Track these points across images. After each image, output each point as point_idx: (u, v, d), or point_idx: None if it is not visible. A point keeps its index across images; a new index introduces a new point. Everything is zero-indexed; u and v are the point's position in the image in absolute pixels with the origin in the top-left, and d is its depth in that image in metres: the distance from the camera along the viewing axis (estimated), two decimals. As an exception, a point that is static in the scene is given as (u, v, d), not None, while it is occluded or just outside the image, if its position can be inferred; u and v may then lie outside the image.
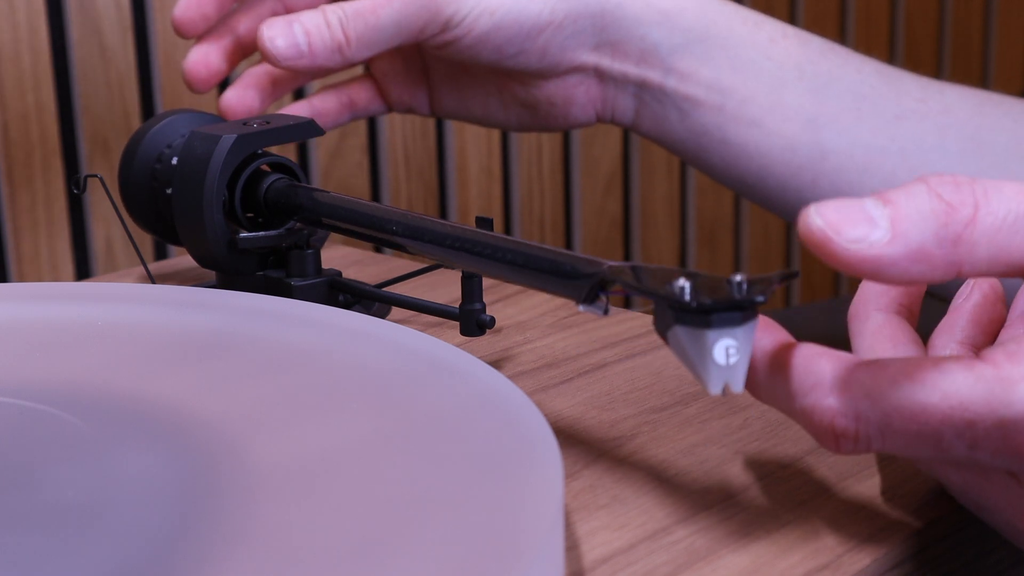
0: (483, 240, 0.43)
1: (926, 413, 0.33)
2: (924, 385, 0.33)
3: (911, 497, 0.39)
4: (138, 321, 0.47)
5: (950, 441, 0.33)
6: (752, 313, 0.35)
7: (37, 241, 0.89)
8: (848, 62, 0.66)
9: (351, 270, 0.64)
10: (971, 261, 0.34)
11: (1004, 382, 0.32)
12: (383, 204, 0.50)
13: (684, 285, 0.34)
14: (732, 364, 0.34)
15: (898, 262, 0.33)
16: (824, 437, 0.34)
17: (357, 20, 0.61)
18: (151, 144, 0.59)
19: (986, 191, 0.34)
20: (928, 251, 0.33)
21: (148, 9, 0.92)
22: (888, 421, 0.33)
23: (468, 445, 0.37)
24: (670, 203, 1.25)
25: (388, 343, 0.43)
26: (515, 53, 0.63)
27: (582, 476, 0.41)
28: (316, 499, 0.35)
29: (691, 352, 0.35)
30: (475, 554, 0.31)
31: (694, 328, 0.34)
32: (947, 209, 0.33)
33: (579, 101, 0.67)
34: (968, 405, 0.32)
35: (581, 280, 0.39)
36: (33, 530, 0.34)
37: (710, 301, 0.34)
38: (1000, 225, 0.34)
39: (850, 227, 0.33)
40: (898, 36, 1.40)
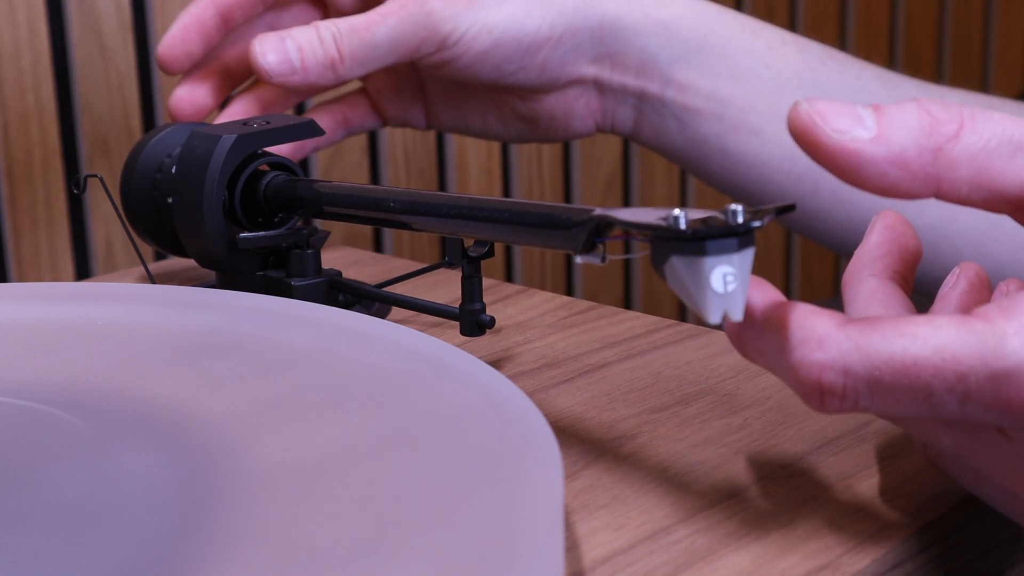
0: (477, 204, 0.44)
1: (917, 367, 0.32)
2: (916, 339, 0.32)
3: (911, 497, 0.39)
4: (138, 321, 0.47)
5: (941, 396, 0.32)
6: (748, 240, 0.34)
7: (37, 241, 0.89)
8: (847, 68, 0.66)
9: (351, 270, 0.64)
10: (950, 178, 0.34)
11: (997, 335, 0.32)
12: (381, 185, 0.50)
13: (679, 215, 0.34)
14: (730, 292, 0.34)
15: (877, 161, 0.34)
16: (810, 394, 0.33)
17: (351, 37, 0.60)
18: (151, 155, 0.59)
19: (973, 114, 0.35)
20: (908, 157, 0.34)
21: (148, 9, 0.92)
22: (878, 376, 0.33)
23: (468, 445, 0.37)
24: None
25: (388, 343, 0.43)
26: (514, 70, 0.63)
27: (582, 476, 0.41)
28: (316, 499, 0.35)
29: (688, 282, 0.34)
30: (475, 554, 0.31)
31: (690, 256, 0.34)
32: (932, 121, 0.34)
33: (579, 113, 0.66)
34: (960, 358, 0.32)
35: (576, 228, 0.39)
36: (33, 530, 0.34)
37: (705, 228, 0.34)
38: (983, 146, 0.34)
39: (837, 118, 0.34)
40: (898, 36, 1.40)
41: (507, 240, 0.43)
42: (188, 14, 0.64)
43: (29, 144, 0.88)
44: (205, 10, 0.64)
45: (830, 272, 1.39)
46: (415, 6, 0.61)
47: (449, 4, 0.61)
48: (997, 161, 0.34)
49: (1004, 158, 0.34)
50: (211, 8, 0.64)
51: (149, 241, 0.60)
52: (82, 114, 0.90)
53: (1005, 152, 0.34)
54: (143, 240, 0.61)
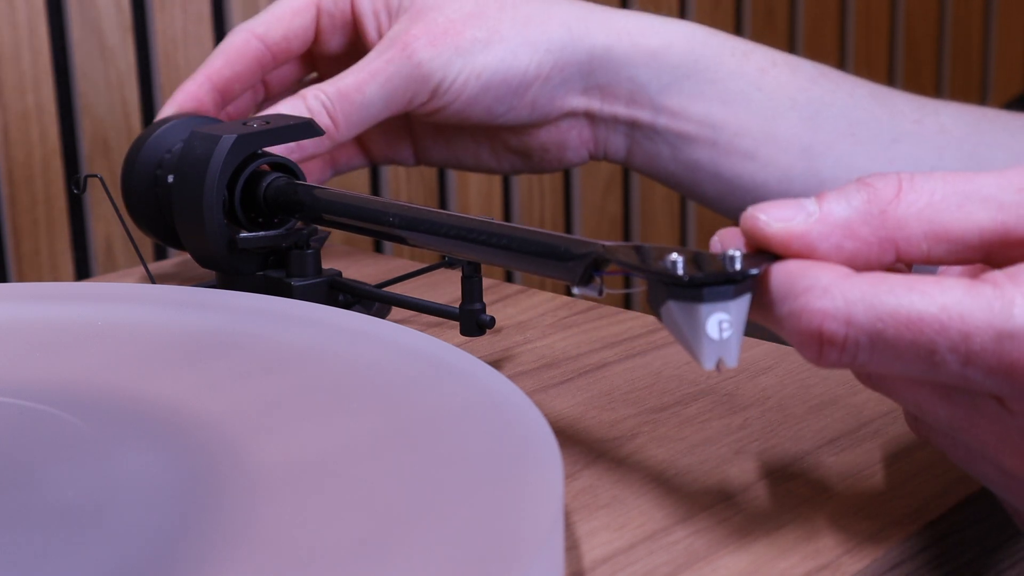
0: (477, 227, 0.43)
1: (922, 322, 0.32)
2: (924, 295, 0.32)
3: (911, 497, 0.39)
4: (138, 321, 0.47)
5: (943, 355, 0.32)
6: (746, 287, 0.34)
7: (37, 241, 0.89)
8: (840, 87, 0.66)
9: (351, 270, 0.64)
10: (904, 237, 0.34)
11: (1004, 299, 0.32)
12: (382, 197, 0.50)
13: (676, 260, 0.34)
14: (726, 339, 0.34)
15: (827, 237, 0.34)
16: (809, 343, 0.33)
17: (342, 102, 0.60)
18: (152, 149, 0.59)
19: (912, 176, 0.35)
20: (855, 227, 0.34)
21: (148, 9, 0.92)
22: (881, 328, 0.32)
23: (468, 445, 0.37)
24: (670, 204, 1.25)
25: (388, 343, 0.43)
26: (505, 111, 0.63)
27: (582, 476, 0.41)
28: (316, 499, 0.35)
29: (684, 327, 0.34)
30: (475, 554, 0.31)
31: (687, 303, 0.34)
32: (871, 190, 0.35)
33: (572, 144, 0.66)
34: (967, 318, 0.32)
35: (575, 261, 0.39)
36: (33, 530, 0.34)
37: (702, 275, 0.34)
38: (927, 201, 0.35)
39: (780, 211, 0.35)
40: (898, 37, 1.40)
41: (504, 266, 0.43)
42: (183, 91, 0.62)
43: (29, 144, 0.88)
44: (200, 87, 0.62)
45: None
46: (402, 59, 0.60)
47: (437, 53, 0.60)
48: (945, 213, 0.34)
49: (952, 208, 0.34)
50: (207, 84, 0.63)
51: (151, 235, 0.60)
52: (82, 114, 0.90)
53: (952, 203, 0.34)
54: (145, 234, 0.61)
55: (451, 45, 0.61)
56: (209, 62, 0.63)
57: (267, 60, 0.64)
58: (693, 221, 1.27)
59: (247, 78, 0.64)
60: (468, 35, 0.61)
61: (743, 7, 1.26)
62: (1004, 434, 0.34)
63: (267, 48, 0.64)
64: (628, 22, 0.64)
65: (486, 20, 0.62)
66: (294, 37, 0.64)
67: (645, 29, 0.64)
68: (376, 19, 0.64)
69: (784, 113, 0.64)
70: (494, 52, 0.61)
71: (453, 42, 0.61)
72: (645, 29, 0.64)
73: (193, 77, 0.63)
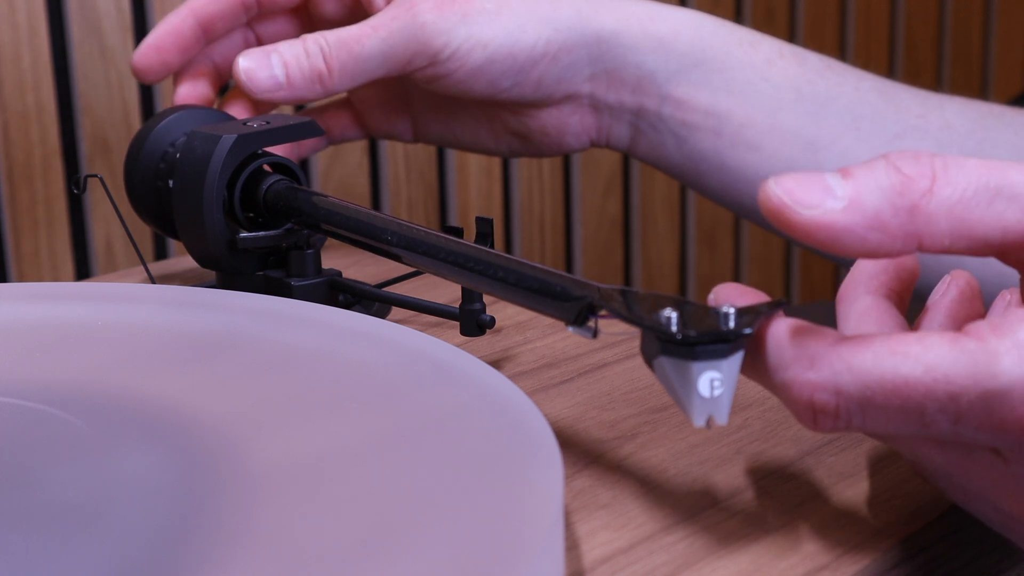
0: (476, 255, 0.43)
1: (909, 387, 0.32)
2: (907, 358, 0.32)
3: (911, 498, 0.39)
4: (138, 321, 0.47)
5: (933, 416, 0.32)
6: (739, 345, 0.34)
7: (37, 241, 0.89)
8: (846, 80, 0.65)
9: (351, 270, 0.64)
10: (930, 233, 0.34)
11: (988, 354, 0.32)
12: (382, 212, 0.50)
13: (671, 315, 0.34)
14: (717, 396, 0.34)
15: (854, 229, 0.33)
16: (803, 413, 0.33)
17: (340, 50, 0.59)
18: (155, 142, 0.59)
19: (946, 164, 0.34)
20: (884, 220, 0.33)
21: (148, 9, 0.92)
22: (869, 395, 0.32)
23: (468, 445, 0.37)
24: (670, 204, 1.25)
25: (388, 343, 0.43)
26: (509, 86, 0.62)
27: (582, 476, 0.41)
28: (316, 499, 0.35)
29: (676, 383, 0.34)
30: (475, 554, 0.31)
31: (679, 360, 0.34)
32: (904, 180, 0.34)
33: (573, 129, 0.66)
34: (952, 378, 0.32)
35: (570, 302, 0.39)
36: (33, 530, 0.34)
37: (695, 333, 0.34)
38: (959, 197, 0.34)
39: (807, 194, 0.34)
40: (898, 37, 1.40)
41: (500, 297, 0.42)
42: (166, 23, 0.63)
43: (29, 144, 0.88)
44: (184, 20, 0.63)
45: (830, 273, 1.39)
46: (407, 18, 0.60)
47: (442, 17, 0.60)
48: (975, 210, 0.34)
49: (983, 206, 0.34)
50: (190, 18, 0.63)
51: (154, 227, 0.60)
52: (82, 114, 0.90)
53: (983, 200, 0.34)
54: (147, 225, 0.61)
55: (459, 11, 0.60)
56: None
57: (251, 4, 0.64)
58: (693, 222, 1.27)
59: (231, 17, 0.64)
60: (476, 5, 0.61)
61: (743, 6, 1.26)
62: (1000, 480, 0.34)
63: None
64: (638, 8, 0.64)
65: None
66: None
67: (654, 15, 0.64)
68: None
69: (790, 105, 0.64)
70: (502, 24, 0.61)
71: (461, 8, 0.60)
72: (654, 15, 0.64)
73: (177, 11, 0.63)
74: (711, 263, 1.29)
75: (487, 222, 0.48)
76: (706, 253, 1.29)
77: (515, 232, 1.16)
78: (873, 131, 0.64)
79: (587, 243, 1.21)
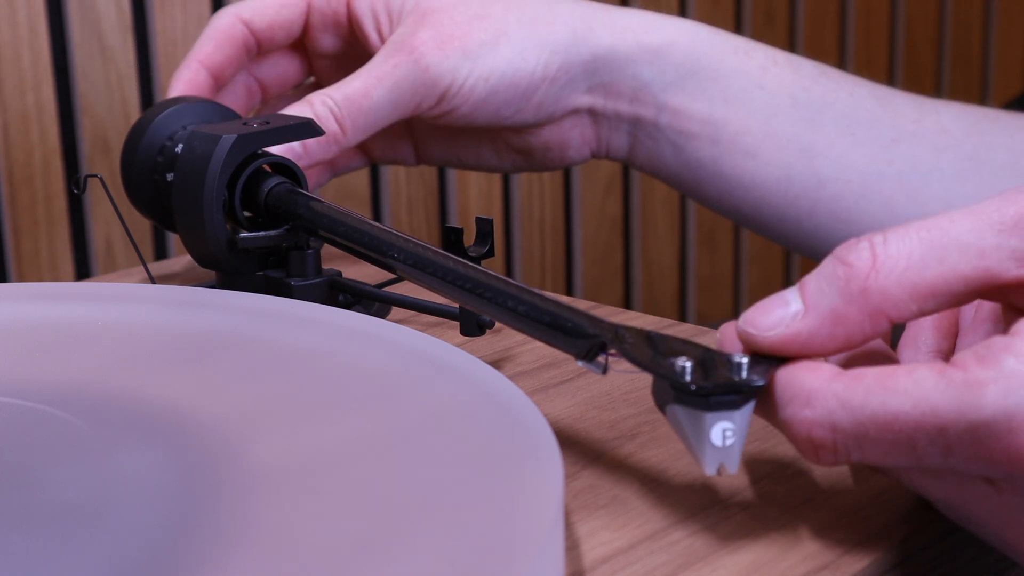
0: (485, 282, 0.42)
1: (899, 421, 0.33)
2: (896, 393, 0.33)
3: (911, 498, 0.39)
4: (138, 321, 0.47)
5: (924, 448, 0.33)
6: (751, 395, 0.35)
7: (37, 241, 0.89)
8: (841, 86, 0.66)
9: (351, 270, 0.64)
10: (893, 305, 0.34)
11: (973, 386, 0.32)
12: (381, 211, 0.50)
13: (685, 365, 0.35)
14: (728, 446, 0.35)
15: (818, 331, 0.35)
16: (804, 448, 0.34)
17: (350, 107, 0.59)
18: (153, 135, 0.59)
19: (886, 239, 0.35)
20: (841, 312, 0.34)
21: (148, 9, 0.92)
22: (863, 431, 0.33)
23: (468, 445, 0.37)
24: (670, 205, 1.25)
25: (388, 343, 0.43)
26: (512, 113, 0.63)
27: (582, 476, 0.41)
28: (316, 499, 0.35)
29: (688, 431, 0.35)
30: (475, 554, 0.31)
31: (692, 409, 0.35)
32: (846, 269, 0.35)
33: (574, 143, 0.66)
34: (938, 411, 0.32)
35: (581, 340, 0.39)
36: (33, 530, 0.34)
37: (710, 385, 0.34)
38: (905, 266, 0.34)
39: (766, 318, 0.35)
40: (898, 38, 1.40)
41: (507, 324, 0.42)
42: (181, 80, 0.63)
43: (29, 144, 0.88)
44: (197, 73, 0.63)
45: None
46: (409, 64, 0.60)
47: (445, 56, 0.60)
48: (926, 271, 0.34)
49: (933, 265, 0.34)
50: (202, 71, 0.63)
51: (152, 219, 0.60)
52: (82, 114, 0.90)
53: (932, 259, 0.34)
54: (146, 218, 0.60)
55: (459, 48, 0.60)
56: (199, 47, 0.63)
57: (252, 46, 0.64)
58: (693, 222, 1.27)
59: (236, 63, 0.64)
60: (475, 38, 0.61)
61: (743, 8, 1.26)
62: (995, 511, 0.34)
63: (252, 33, 0.64)
64: (631, 20, 0.64)
65: (492, 21, 0.62)
66: (279, 28, 0.64)
67: (648, 27, 0.64)
68: (376, 21, 0.63)
69: (785, 112, 0.64)
70: (502, 54, 0.61)
71: (461, 45, 0.60)
72: (648, 27, 0.64)
73: (186, 64, 0.63)
74: (711, 264, 1.29)
75: (487, 222, 0.48)
76: (706, 254, 1.29)
77: (515, 233, 1.16)
78: (869, 137, 0.64)
79: (587, 244, 1.20)
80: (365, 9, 0.63)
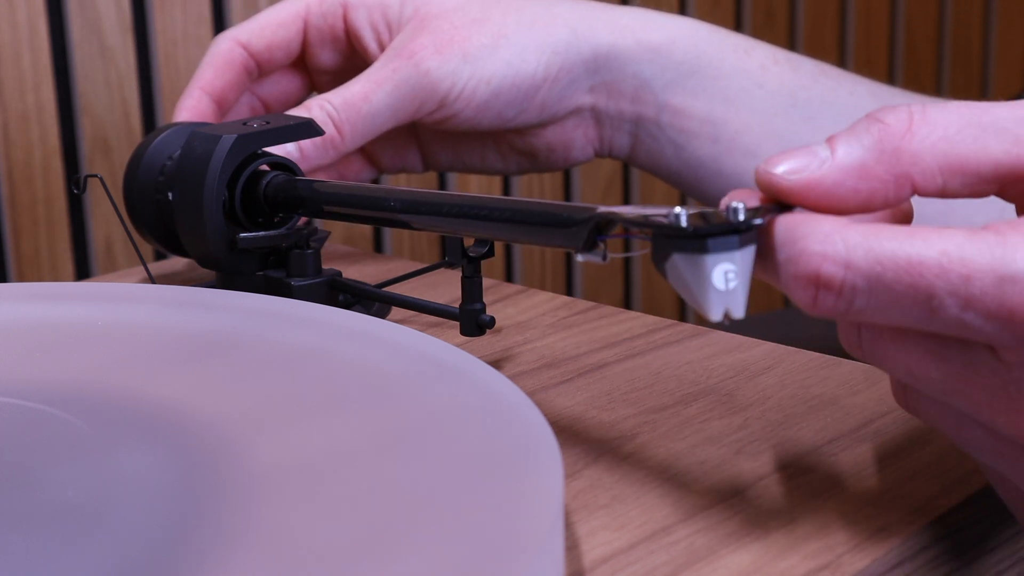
0: (477, 203, 0.44)
1: (922, 265, 0.32)
2: (924, 240, 0.32)
3: (911, 497, 0.39)
4: (138, 321, 0.47)
5: (942, 299, 0.32)
6: (750, 237, 0.34)
7: (37, 241, 0.89)
8: (841, 85, 0.66)
9: (351, 270, 0.64)
10: (920, 172, 0.34)
11: (1007, 245, 0.31)
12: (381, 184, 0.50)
13: (680, 213, 0.34)
14: (732, 289, 0.34)
15: (843, 182, 0.34)
16: (805, 286, 0.33)
17: (349, 112, 0.59)
18: (153, 157, 0.59)
19: (925, 108, 0.34)
20: (869, 167, 0.34)
21: (148, 9, 0.92)
22: (879, 272, 0.32)
23: (468, 445, 0.37)
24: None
25: (388, 343, 0.43)
26: (515, 115, 0.63)
27: (582, 476, 0.41)
28: (316, 499, 0.35)
29: (690, 279, 0.34)
30: (475, 554, 0.31)
31: (691, 254, 0.34)
32: (883, 127, 0.34)
33: (577, 143, 0.66)
34: (967, 261, 0.31)
35: (577, 227, 0.38)
36: (33, 530, 0.34)
37: (706, 226, 0.34)
38: (941, 134, 0.34)
39: (793, 163, 0.34)
40: (898, 38, 1.40)
41: (508, 239, 0.43)
42: (185, 109, 0.63)
43: (29, 144, 0.88)
44: (200, 101, 0.63)
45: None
46: (409, 68, 0.60)
47: (444, 61, 0.60)
48: (960, 145, 0.34)
49: (968, 141, 0.34)
50: (205, 98, 0.63)
51: (154, 243, 0.60)
52: (82, 114, 0.90)
53: (968, 135, 0.34)
54: (148, 242, 0.61)
55: (458, 52, 0.60)
56: (200, 74, 0.64)
57: (252, 68, 0.65)
58: (693, 221, 1.27)
59: (238, 87, 0.64)
60: (475, 41, 0.61)
61: (743, 7, 1.26)
62: (998, 389, 0.33)
63: (251, 56, 0.64)
64: (631, 19, 0.64)
65: (491, 25, 0.62)
66: (277, 49, 0.65)
67: (648, 25, 0.64)
68: (375, 33, 0.63)
69: (786, 111, 0.65)
70: (502, 57, 0.61)
71: (460, 49, 0.60)
72: (648, 25, 0.64)
73: (189, 92, 0.63)
74: (711, 263, 1.29)
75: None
76: (706, 253, 1.29)
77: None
78: None
79: (587, 243, 1.20)
80: (363, 22, 0.64)
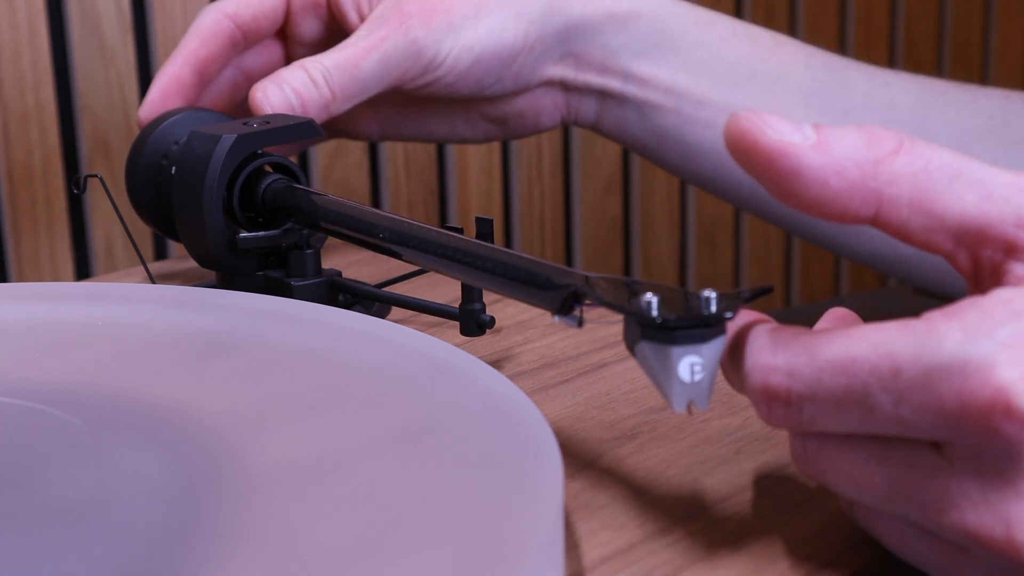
0: (463, 247, 0.43)
1: (855, 364, 0.32)
2: (857, 339, 0.32)
3: (911, 497, 0.39)
4: (138, 321, 0.47)
5: (876, 396, 0.32)
6: (720, 330, 0.34)
7: (37, 241, 0.89)
8: (796, 58, 0.68)
9: (351, 270, 0.64)
10: (891, 196, 0.34)
11: (933, 333, 0.31)
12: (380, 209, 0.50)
13: (651, 300, 0.34)
14: (697, 381, 0.34)
15: (820, 167, 0.34)
16: (759, 399, 0.33)
17: (341, 74, 0.60)
18: (157, 141, 0.59)
19: (914, 138, 0.34)
20: (848, 168, 0.34)
21: (148, 9, 0.92)
22: (820, 377, 0.32)
23: (468, 445, 0.37)
24: (670, 204, 1.25)
25: (388, 343, 0.43)
26: (493, 83, 0.64)
27: (582, 476, 0.41)
28: (316, 499, 0.35)
29: (656, 368, 0.34)
30: (475, 554, 0.31)
31: (659, 344, 0.34)
32: (872, 138, 0.34)
33: (546, 111, 0.68)
34: (896, 353, 0.31)
35: (554, 291, 0.39)
36: (33, 530, 0.34)
37: (675, 317, 0.34)
38: (923, 166, 0.34)
39: (778, 122, 0.34)
40: (898, 37, 1.40)
41: (487, 288, 0.43)
42: (165, 75, 0.63)
43: (29, 144, 0.88)
44: (181, 69, 0.64)
45: (830, 273, 1.39)
46: (398, 36, 0.61)
47: (431, 30, 0.61)
48: (936, 184, 0.34)
49: (943, 182, 0.34)
50: (187, 67, 0.64)
51: (155, 228, 0.60)
52: (82, 114, 0.90)
53: (945, 176, 0.34)
54: (147, 226, 0.61)
55: (444, 21, 0.62)
56: (185, 44, 0.64)
57: (239, 39, 0.65)
58: (693, 222, 1.27)
59: (222, 58, 0.65)
60: (458, 11, 0.63)
61: (743, 6, 1.26)
62: (942, 489, 0.32)
63: (237, 27, 0.65)
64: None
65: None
66: (263, 18, 0.66)
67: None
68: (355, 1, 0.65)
69: (744, 83, 0.67)
70: (483, 25, 0.63)
71: (445, 18, 0.62)
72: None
73: (172, 60, 0.64)
74: (711, 262, 1.29)
75: (487, 222, 0.48)
76: (706, 252, 1.29)
77: (515, 232, 1.16)
78: (822, 108, 0.67)
79: (587, 243, 1.20)
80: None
